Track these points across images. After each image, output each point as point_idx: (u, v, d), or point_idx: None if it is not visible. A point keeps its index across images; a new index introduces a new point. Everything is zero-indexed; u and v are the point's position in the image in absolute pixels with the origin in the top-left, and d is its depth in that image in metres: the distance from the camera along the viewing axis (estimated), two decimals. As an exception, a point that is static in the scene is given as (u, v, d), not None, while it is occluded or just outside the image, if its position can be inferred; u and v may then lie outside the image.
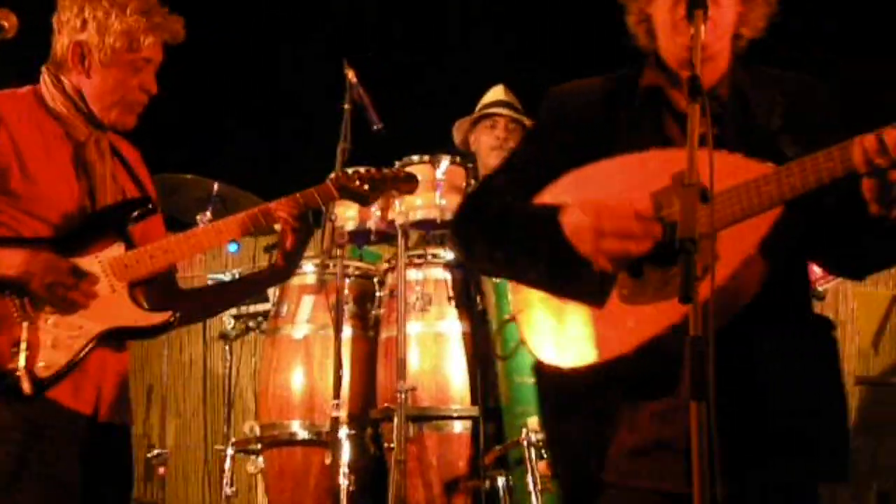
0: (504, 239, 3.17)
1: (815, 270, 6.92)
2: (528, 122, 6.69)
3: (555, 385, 3.14)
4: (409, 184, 4.30)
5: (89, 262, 3.64)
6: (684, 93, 2.93)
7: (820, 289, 6.94)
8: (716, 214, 2.71)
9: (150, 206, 3.83)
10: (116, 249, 3.69)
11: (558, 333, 3.07)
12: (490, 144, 6.70)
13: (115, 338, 3.69)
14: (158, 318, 3.73)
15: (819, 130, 2.96)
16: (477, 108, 6.85)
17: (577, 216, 2.93)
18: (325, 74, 6.47)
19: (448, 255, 5.82)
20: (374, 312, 6.01)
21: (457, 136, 6.92)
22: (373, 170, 4.14)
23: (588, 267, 2.92)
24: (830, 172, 2.71)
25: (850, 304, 8.30)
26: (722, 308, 2.69)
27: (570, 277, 3.01)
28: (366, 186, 4.05)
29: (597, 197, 2.95)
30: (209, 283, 3.89)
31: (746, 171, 2.83)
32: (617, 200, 2.90)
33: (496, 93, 6.89)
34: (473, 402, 5.61)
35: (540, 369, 3.17)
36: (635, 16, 3.24)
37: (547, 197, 3.14)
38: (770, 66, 3.27)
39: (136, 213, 3.78)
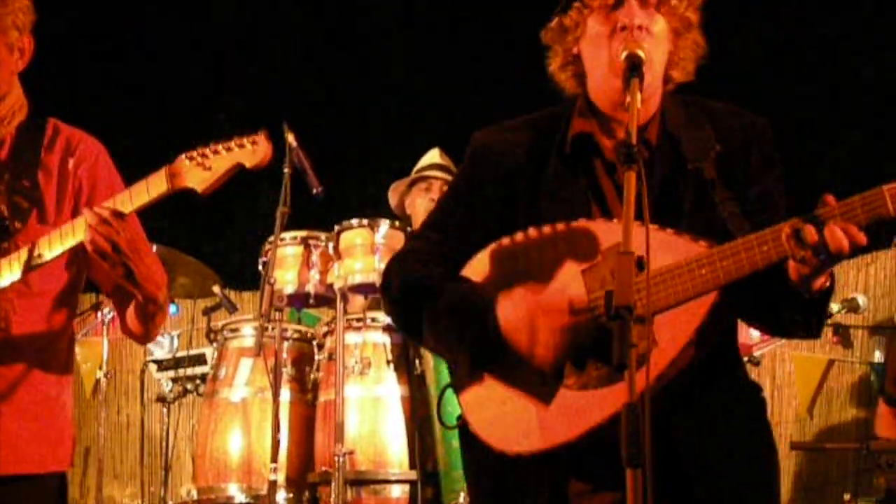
0: (430, 320, 3.05)
1: (753, 336, 7.01)
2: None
3: (492, 467, 3.02)
4: (253, 147, 3.34)
5: None
6: (614, 139, 2.97)
7: (757, 354, 7.02)
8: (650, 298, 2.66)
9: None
10: None
11: (503, 416, 2.95)
12: (425, 207, 6.74)
13: None
14: None
15: (752, 176, 2.97)
16: (413, 172, 6.89)
17: (511, 312, 2.85)
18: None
19: (387, 318, 5.80)
20: (312, 376, 6.00)
21: (392, 199, 6.95)
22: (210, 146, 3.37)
23: (526, 364, 2.86)
24: (766, 258, 2.70)
25: (787, 367, 8.37)
26: (656, 388, 2.67)
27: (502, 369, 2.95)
28: (207, 164, 3.30)
29: (526, 272, 2.92)
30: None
31: (675, 251, 2.80)
32: (549, 290, 2.85)
33: (432, 156, 6.93)
34: (412, 465, 5.59)
35: (472, 445, 3.05)
36: (561, 57, 3.10)
37: (473, 271, 3.05)
38: (704, 96, 3.15)
39: None
